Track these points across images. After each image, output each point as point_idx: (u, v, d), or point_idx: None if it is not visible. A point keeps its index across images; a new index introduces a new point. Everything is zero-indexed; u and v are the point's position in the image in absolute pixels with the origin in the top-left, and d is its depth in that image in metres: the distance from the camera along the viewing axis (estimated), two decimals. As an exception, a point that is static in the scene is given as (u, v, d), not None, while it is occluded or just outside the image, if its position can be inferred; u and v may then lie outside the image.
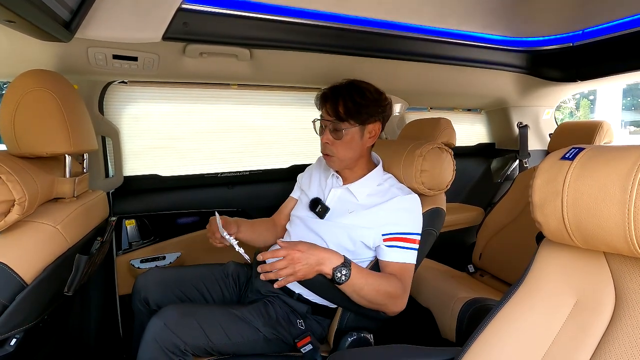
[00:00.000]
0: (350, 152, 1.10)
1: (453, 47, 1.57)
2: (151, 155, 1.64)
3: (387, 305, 0.99)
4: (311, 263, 0.89)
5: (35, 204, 0.82)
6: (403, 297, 1.01)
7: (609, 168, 0.51)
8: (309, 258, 0.88)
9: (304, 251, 0.89)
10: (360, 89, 1.09)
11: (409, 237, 1.04)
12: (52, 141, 0.91)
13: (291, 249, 0.88)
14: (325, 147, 1.12)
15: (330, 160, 1.13)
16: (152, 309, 1.12)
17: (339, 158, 1.11)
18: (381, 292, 0.96)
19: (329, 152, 1.11)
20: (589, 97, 13.46)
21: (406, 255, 1.04)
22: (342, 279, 0.91)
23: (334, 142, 1.09)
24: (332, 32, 1.34)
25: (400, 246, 1.03)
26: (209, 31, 1.18)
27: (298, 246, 0.89)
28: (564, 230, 0.56)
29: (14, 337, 0.81)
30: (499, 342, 0.63)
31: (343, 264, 0.91)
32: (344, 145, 1.09)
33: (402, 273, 1.02)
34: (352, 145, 1.10)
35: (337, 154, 1.10)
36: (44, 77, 0.92)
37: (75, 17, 0.93)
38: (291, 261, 0.88)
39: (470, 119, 2.44)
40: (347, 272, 0.91)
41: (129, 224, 1.59)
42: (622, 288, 0.54)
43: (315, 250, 0.91)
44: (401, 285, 1.00)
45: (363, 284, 0.93)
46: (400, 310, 1.01)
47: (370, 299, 0.96)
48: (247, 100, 1.76)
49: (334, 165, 1.14)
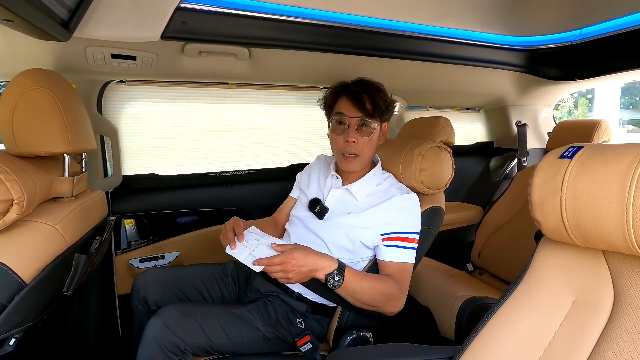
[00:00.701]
0: (372, 151, 1.08)
1: (452, 46, 1.57)
2: (150, 154, 1.63)
3: (383, 307, 0.99)
4: (304, 271, 0.89)
5: (34, 204, 0.82)
6: (400, 298, 1.00)
7: (608, 167, 0.51)
8: (302, 267, 0.88)
9: (299, 259, 0.89)
10: (379, 88, 1.07)
11: (408, 237, 1.04)
12: (50, 141, 0.91)
13: (286, 257, 0.88)
14: (349, 147, 1.04)
15: (354, 162, 1.06)
16: (151, 309, 1.12)
17: (362, 158, 1.06)
18: (377, 295, 0.96)
19: (356, 151, 1.05)
20: (587, 96, 13.49)
21: (405, 255, 1.04)
22: (335, 285, 0.91)
23: (360, 140, 1.04)
24: (331, 32, 1.34)
25: (399, 246, 1.03)
26: (208, 30, 1.18)
27: (294, 254, 0.88)
28: (563, 229, 0.56)
29: (13, 337, 0.81)
30: (499, 341, 0.63)
31: (336, 270, 0.91)
32: (371, 144, 1.05)
33: (401, 273, 1.02)
34: (373, 145, 1.07)
35: (362, 152, 1.05)
36: (43, 77, 0.92)
37: (73, 17, 0.93)
38: (285, 268, 0.88)
39: (469, 118, 2.44)
40: (340, 278, 0.91)
41: (128, 223, 1.59)
42: (620, 286, 0.55)
43: (310, 258, 0.90)
44: (398, 287, 1.00)
45: (358, 288, 0.93)
46: (397, 311, 1.01)
47: (365, 301, 0.96)
48: (246, 100, 1.76)
49: (356, 167, 1.08)
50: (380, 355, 0.75)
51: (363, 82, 1.08)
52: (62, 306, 1.18)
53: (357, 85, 1.07)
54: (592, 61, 1.64)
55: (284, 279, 0.90)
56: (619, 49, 1.50)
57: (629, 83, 11.15)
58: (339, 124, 1.07)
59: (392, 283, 0.99)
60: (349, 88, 1.06)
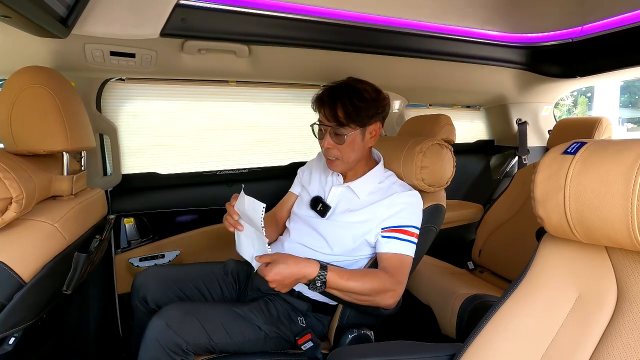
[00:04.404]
0: (353, 155, 1.09)
1: (452, 43, 1.57)
2: (149, 153, 1.63)
3: (376, 300, 0.96)
4: (287, 284, 0.90)
5: (32, 202, 0.82)
6: (395, 290, 0.97)
7: (612, 162, 0.50)
8: (284, 281, 0.89)
9: (281, 274, 0.88)
10: (358, 90, 1.05)
11: (407, 230, 1.03)
12: (49, 139, 0.90)
13: (269, 272, 0.88)
14: (327, 152, 1.09)
15: (334, 164, 1.11)
16: (150, 308, 1.12)
17: (342, 161, 1.09)
18: (366, 290, 0.94)
19: (332, 156, 1.09)
20: (587, 95, 13.50)
21: (403, 247, 1.02)
22: (318, 290, 0.92)
23: (335, 146, 1.07)
24: (331, 29, 1.34)
25: (398, 237, 1.02)
26: (208, 27, 1.17)
27: (275, 269, 0.88)
28: (566, 225, 0.56)
29: (12, 336, 0.81)
30: (501, 338, 0.62)
31: (317, 277, 0.90)
32: (347, 149, 1.07)
33: (398, 265, 1.00)
34: (355, 148, 1.08)
35: (340, 157, 1.08)
36: (41, 74, 0.91)
37: (71, 13, 0.93)
38: (270, 281, 0.88)
39: (469, 116, 2.44)
40: (321, 284, 0.91)
41: (127, 222, 1.58)
42: (624, 282, 0.54)
43: (292, 268, 0.89)
44: (390, 279, 0.97)
45: (343, 287, 0.92)
46: (393, 303, 0.98)
47: (355, 298, 0.95)
48: (246, 98, 1.75)
49: (338, 169, 1.12)
50: (381, 353, 0.74)
51: (339, 88, 1.07)
52: (62, 305, 1.17)
53: (334, 91, 1.07)
54: (593, 58, 1.63)
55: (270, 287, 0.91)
56: (620, 46, 1.49)
57: (628, 81, 11.16)
58: (319, 130, 1.11)
59: (381, 275, 0.97)
60: (322, 97, 1.08)
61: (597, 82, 2.51)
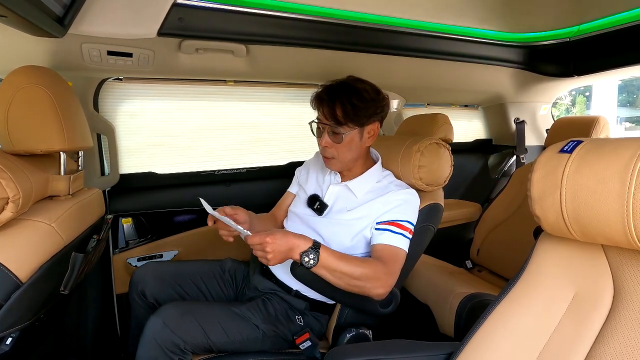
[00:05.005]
0: (350, 154, 1.09)
1: (450, 42, 1.57)
2: (147, 152, 1.63)
3: (367, 287, 0.94)
4: (281, 250, 0.87)
5: (29, 202, 0.81)
6: (386, 279, 0.95)
7: (608, 160, 0.51)
8: (279, 245, 0.87)
9: (276, 239, 0.87)
10: (357, 90, 1.05)
11: (400, 224, 1.03)
12: (46, 138, 0.90)
13: (266, 237, 0.86)
14: (324, 150, 1.09)
15: (331, 163, 1.11)
16: (149, 302, 1.12)
17: (339, 160, 1.09)
18: (357, 274, 0.92)
19: (329, 154, 1.09)
20: (585, 94, 13.52)
21: (396, 239, 1.01)
22: (310, 263, 0.88)
23: (333, 145, 1.07)
24: (329, 28, 1.34)
25: (391, 230, 1.02)
26: (205, 27, 1.17)
27: (273, 234, 0.87)
28: (563, 223, 0.56)
29: (9, 337, 0.80)
30: (498, 336, 0.63)
31: (311, 247, 0.89)
32: (344, 148, 1.07)
33: (390, 256, 0.99)
34: (352, 147, 1.08)
35: (337, 156, 1.08)
36: (37, 74, 0.91)
37: (68, 12, 0.92)
38: (264, 248, 0.86)
39: (467, 115, 2.44)
40: (314, 255, 0.88)
41: (125, 222, 1.58)
42: (620, 281, 0.54)
43: (286, 238, 0.88)
44: (383, 268, 0.95)
45: (335, 266, 0.90)
46: (383, 294, 0.96)
47: (346, 282, 0.92)
48: (244, 97, 1.75)
49: (334, 167, 1.13)
50: (380, 351, 0.74)
51: (339, 87, 1.06)
52: (60, 305, 1.17)
53: (333, 90, 1.06)
54: (590, 57, 1.64)
55: (263, 258, 0.88)
56: (617, 45, 1.50)
57: (625, 80, 11.18)
58: (317, 128, 1.11)
59: (374, 263, 0.96)
60: (321, 96, 1.08)
61: (594, 81, 2.52)
